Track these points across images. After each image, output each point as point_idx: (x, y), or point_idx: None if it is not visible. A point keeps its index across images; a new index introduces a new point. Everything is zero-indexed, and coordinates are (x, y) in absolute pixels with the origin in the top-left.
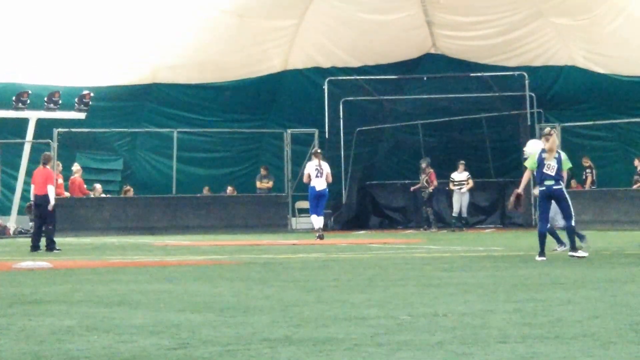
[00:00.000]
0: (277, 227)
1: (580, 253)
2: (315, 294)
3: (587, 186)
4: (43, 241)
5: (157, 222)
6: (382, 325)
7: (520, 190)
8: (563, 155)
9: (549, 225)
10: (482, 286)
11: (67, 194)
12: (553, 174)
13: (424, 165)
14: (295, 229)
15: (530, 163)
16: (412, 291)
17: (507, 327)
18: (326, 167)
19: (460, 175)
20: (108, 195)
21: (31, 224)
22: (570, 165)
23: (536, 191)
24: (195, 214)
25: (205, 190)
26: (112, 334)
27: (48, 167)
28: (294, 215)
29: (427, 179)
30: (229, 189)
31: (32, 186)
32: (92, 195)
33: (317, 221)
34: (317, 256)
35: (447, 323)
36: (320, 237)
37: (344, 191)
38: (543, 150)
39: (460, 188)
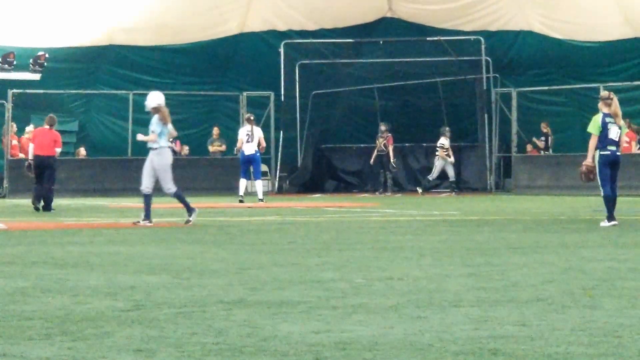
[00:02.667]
0: (233, 190)
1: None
2: (270, 257)
3: (542, 152)
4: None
5: (113, 184)
6: (337, 288)
7: (589, 160)
8: (622, 121)
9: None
10: (437, 250)
11: (21, 155)
12: (617, 139)
13: (383, 128)
14: (251, 191)
15: (594, 128)
16: (367, 255)
17: (462, 291)
18: (258, 132)
19: (447, 141)
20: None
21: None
22: (627, 129)
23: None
24: None
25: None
26: (67, 296)
27: (53, 129)
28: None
29: (385, 142)
30: (185, 148)
31: (31, 145)
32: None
33: (243, 185)
34: (273, 219)
35: (402, 287)
36: (241, 201)
37: (299, 154)
38: (606, 115)
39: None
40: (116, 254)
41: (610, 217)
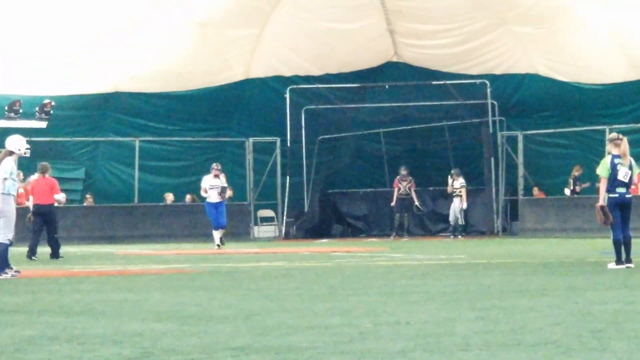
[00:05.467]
0: (240, 236)
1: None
2: (277, 303)
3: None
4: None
5: (119, 231)
6: (344, 333)
7: (601, 202)
8: (632, 161)
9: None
10: (445, 294)
11: (27, 203)
12: (627, 181)
13: (404, 172)
14: (258, 237)
15: (604, 170)
16: (374, 299)
17: (469, 334)
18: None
19: (456, 182)
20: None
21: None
22: (638, 170)
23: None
24: (157, 223)
25: (169, 196)
26: (74, 344)
27: (47, 175)
28: (256, 224)
29: (410, 186)
30: (188, 197)
31: (31, 197)
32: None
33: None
34: (280, 265)
35: (409, 331)
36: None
37: (306, 200)
38: (615, 156)
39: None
40: (123, 301)
41: (619, 261)
